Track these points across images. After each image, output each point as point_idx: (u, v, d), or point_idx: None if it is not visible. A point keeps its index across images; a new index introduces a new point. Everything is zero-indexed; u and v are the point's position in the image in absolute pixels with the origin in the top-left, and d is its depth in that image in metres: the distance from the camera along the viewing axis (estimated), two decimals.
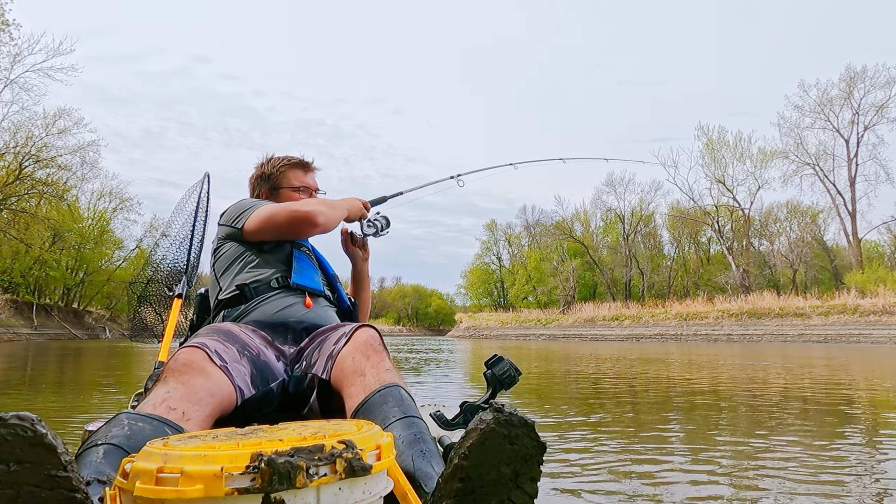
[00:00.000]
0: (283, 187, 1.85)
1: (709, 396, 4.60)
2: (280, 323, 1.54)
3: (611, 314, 31.58)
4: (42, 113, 26.72)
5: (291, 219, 1.60)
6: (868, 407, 4.01)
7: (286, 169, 1.87)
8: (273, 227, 1.62)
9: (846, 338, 20.12)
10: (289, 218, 1.60)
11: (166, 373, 1.18)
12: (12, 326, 24.31)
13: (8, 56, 23.22)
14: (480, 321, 41.15)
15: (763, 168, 35.32)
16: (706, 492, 1.89)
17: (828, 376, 6.42)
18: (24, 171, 26.14)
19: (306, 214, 1.60)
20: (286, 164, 1.87)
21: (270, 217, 1.61)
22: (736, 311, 26.06)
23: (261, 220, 1.62)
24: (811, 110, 33.20)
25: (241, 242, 1.68)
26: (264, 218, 1.61)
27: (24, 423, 0.63)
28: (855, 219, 31.87)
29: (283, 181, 1.85)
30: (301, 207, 1.61)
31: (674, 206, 40.39)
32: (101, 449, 0.94)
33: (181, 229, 2.33)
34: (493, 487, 0.77)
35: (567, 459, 2.37)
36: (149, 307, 2.35)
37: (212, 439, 0.71)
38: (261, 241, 1.67)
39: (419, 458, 1.05)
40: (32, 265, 30.37)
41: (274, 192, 1.85)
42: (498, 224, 55.16)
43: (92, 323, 34.96)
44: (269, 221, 1.61)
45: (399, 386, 1.24)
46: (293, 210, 1.60)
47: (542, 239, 47.40)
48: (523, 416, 0.76)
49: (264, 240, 1.66)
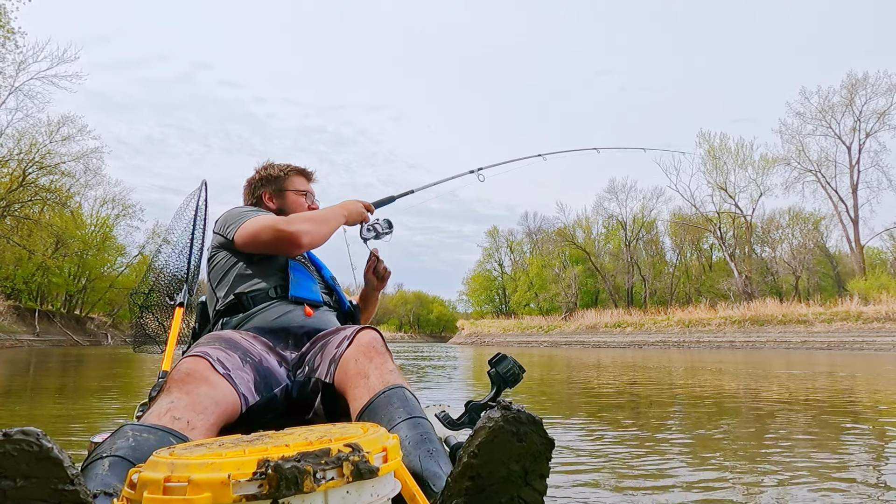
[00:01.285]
0: (289, 190, 1.85)
1: (711, 403, 4.58)
2: (281, 328, 1.54)
3: (613, 321, 31.47)
4: (46, 120, 26.88)
5: (276, 239, 1.57)
6: (872, 414, 3.99)
7: (292, 174, 1.88)
8: (259, 244, 1.60)
9: (849, 345, 20.02)
10: (273, 238, 1.57)
11: (169, 383, 1.18)
12: (14, 333, 24.31)
13: (13, 64, 23.32)
14: (482, 328, 41.02)
15: (765, 175, 35.28)
16: (708, 495, 1.88)
17: (830, 383, 6.39)
18: (28, 177, 26.24)
19: (290, 235, 1.56)
20: (292, 170, 1.89)
21: (256, 234, 1.58)
22: (738, 317, 25.95)
23: (247, 235, 1.60)
24: (813, 117, 33.20)
25: (233, 252, 1.67)
26: (250, 233, 1.59)
27: (30, 438, 0.63)
28: (857, 225, 31.80)
29: (289, 184, 1.86)
30: (286, 227, 1.57)
31: (676, 213, 40.35)
32: (106, 461, 0.94)
33: (180, 237, 2.33)
34: (503, 485, 0.77)
35: (571, 460, 2.36)
36: (151, 317, 2.35)
37: (218, 447, 0.72)
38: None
39: (426, 458, 1.06)
40: (35, 271, 30.42)
41: (279, 193, 1.85)
42: (500, 231, 55.14)
43: (94, 329, 34.94)
44: (254, 238, 1.59)
45: (403, 387, 1.24)
46: (278, 230, 1.56)
47: (544, 245, 47.32)
48: (531, 414, 0.77)
49: (254, 253, 1.65)
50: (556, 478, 2.16)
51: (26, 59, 23.59)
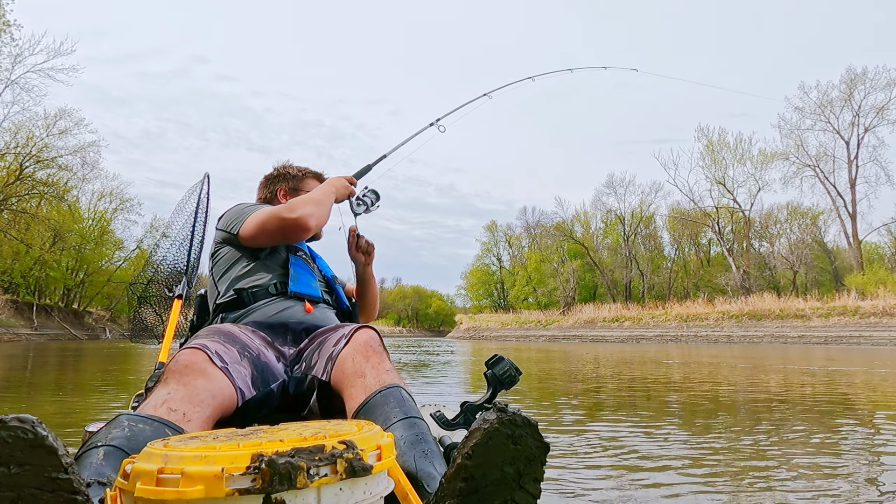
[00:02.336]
0: (304, 191, 1.90)
1: (708, 397, 4.60)
2: (280, 324, 1.54)
3: (611, 315, 31.56)
4: (43, 113, 26.81)
5: (283, 227, 1.57)
6: (868, 409, 4.01)
7: (309, 176, 1.95)
8: (266, 235, 1.60)
9: (846, 339, 20.10)
10: (280, 226, 1.57)
11: (167, 374, 1.18)
12: (12, 327, 24.31)
13: (9, 57, 23.28)
14: (481, 322, 41.12)
15: (763, 170, 35.35)
16: (707, 495, 1.89)
17: (828, 378, 6.41)
18: (25, 171, 26.16)
19: (296, 221, 1.55)
20: (309, 173, 1.97)
21: (262, 225, 1.59)
22: (736, 312, 26.03)
23: (254, 227, 1.60)
24: (811, 112, 33.23)
25: (237, 247, 1.68)
26: (257, 225, 1.60)
27: (25, 426, 0.63)
28: (855, 220, 31.86)
29: (304, 186, 1.92)
30: (290, 214, 1.56)
31: (674, 208, 40.42)
32: (101, 450, 0.94)
33: (181, 230, 2.33)
34: (497, 487, 0.77)
35: (567, 460, 2.37)
36: (149, 308, 2.35)
37: (212, 440, 0.71)
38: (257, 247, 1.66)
39: (421, 458, 1.06)
40: (33, 265, 30.38)
41: (294, 192, 1.91)
42: (498, 225, 55.22)
43: (92, 323, 34.95)
44: (261, 229, 1.59)
45: (400, 387, 1.24)
46: (283, 217, 1.56)
47: (543, 240, 47.37)
48: (527, 417, 0.77)
49: (260, 246, 1.66)
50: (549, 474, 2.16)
51: (22, 52, 23.56)
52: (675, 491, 1.92)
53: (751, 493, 1.90)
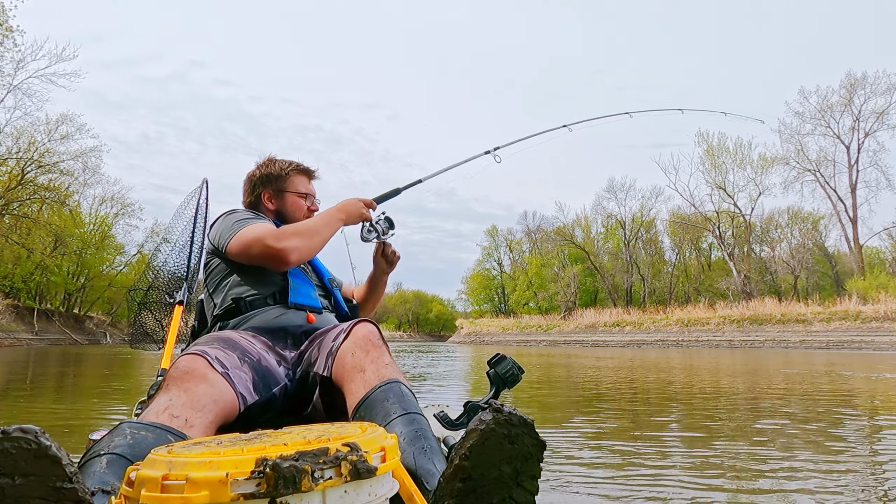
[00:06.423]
0: (290, 191, 1.81)
1: (710, 402, 4.59)
2: (280, 328, 1.54)
3: (612, 320, 31.48)
4: (44, 118, 26.82)
5: (265, 255, 1.53)
6: (870, 413, 4.00)
7: (294, 174, 1.82)
8: (249, 259, 1.58)
9: (848, 344, 20.04)
10: (262, 253, 1.53)
11: (168, 381, 1.18)
12: (13, 331, 24.28)
13: (12, 62, 23.28)
14: (481, 327, 41.02)
15: (764, 174, 35.30)
16: (707, 495, 1.89)
17: (829, 382, 6.40)
18: (27, 176, 26.19)
19: (278, 253, 1.51)
20: (294, 169, 1.83)
21: (247, 247, 1.55)
22: (737, 317, 25.96)
23: (238, 247, 1.57)
24: (812, 117, 33.23)
25: (227, 261, 1.65)
26: (241, 246, 1.56)
27: (28, 436, 0.63)
28: (856, 225, 31.84)
29: (289, 185, 1.81)
30: (275, 243, 1.52)
31: (675, 212, 40.37)
32: (104, 458, 0.94)
33: (181, 236, 2.33)
34: (495, 486, 0.78)
35: (566, 461, 2.36)
36: (149, 314, 2.35)
37: (216, 445, 0.72)
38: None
39: (420, 455, 1.06)
40: (34, 270, 30.36)
41: (280, 194, 1.80)
42: (499, 230, 55.15)
43: (93, 328, 34.90)
44: (244, 252, 1.56)
45: (399, 381, 1.25)
46: (267, 245, 1.52)
47: (543, 245, 47.35)
48: (522, 416, 0.77)
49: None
50: (545, 477, 2.16)
51: (25, 58, 23.56)
52: (676, 491, 1.91)
53: (751, 493, 1.90)
